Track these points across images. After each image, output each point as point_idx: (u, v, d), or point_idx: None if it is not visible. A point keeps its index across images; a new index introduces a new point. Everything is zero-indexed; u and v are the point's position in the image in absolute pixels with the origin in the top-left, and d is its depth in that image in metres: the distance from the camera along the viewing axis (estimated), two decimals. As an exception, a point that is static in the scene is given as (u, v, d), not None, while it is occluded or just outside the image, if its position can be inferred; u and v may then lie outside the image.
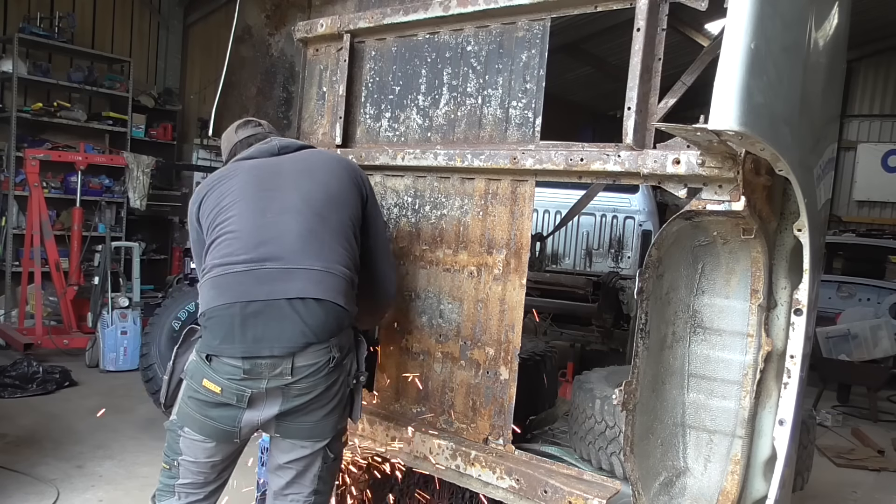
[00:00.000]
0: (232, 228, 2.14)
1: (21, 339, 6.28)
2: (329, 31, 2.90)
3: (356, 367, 2.18)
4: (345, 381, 2.13)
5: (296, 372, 2.01)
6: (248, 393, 2.01)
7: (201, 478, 2.16)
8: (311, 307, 2.02)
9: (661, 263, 2.03)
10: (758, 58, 1.44)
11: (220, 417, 2.05)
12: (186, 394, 2.10)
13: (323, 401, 2.08)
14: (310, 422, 2.09)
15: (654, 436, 2.11)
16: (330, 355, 2.04)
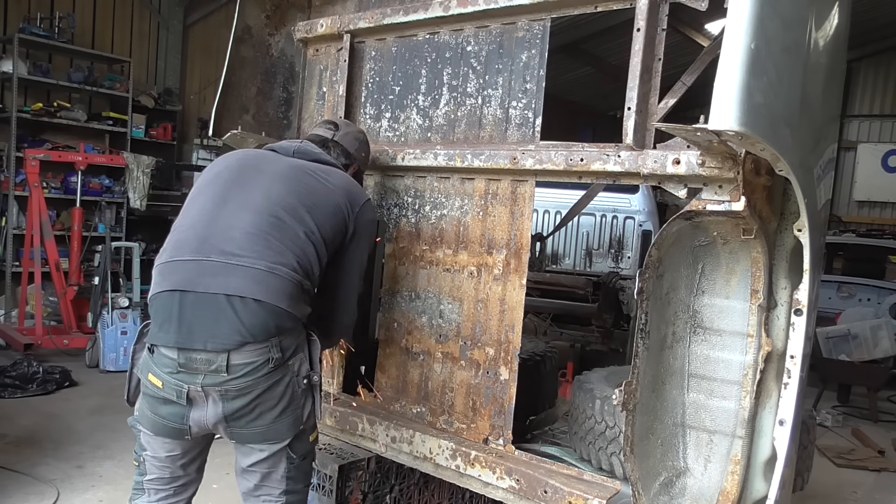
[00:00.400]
0: (190, 216, 2.20)
1: (21, 339, 6.28)
2: (329, 32, 2.90)
3: (308, 368, 2.10)
4: (292, 381, 2.06)
5: (231, 370, 1.95)
6: (185, 388, 1.98)
7: (167, 473, 2.17)
8: (249, 306, 1.97)
9: (661, 263, 2.03)
10: (758, 58, 1.44)
11: (168, 415, 2.04)
12: (141, 390, 2.13)
13: (268, 402, 2.02)
14: (261, 425, 2.04)
15: (654, 436, 2.11)
16: (269, 355, 1.98)
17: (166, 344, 2.00)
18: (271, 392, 2.01)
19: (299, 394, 2.08)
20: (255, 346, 1.97)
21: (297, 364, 2.07)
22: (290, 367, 2.05)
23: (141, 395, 2.13)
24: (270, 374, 1.99)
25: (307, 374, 2.09)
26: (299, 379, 2.07)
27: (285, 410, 2.05)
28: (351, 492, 2.67)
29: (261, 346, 1.97)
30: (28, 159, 6.58)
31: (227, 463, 4.37)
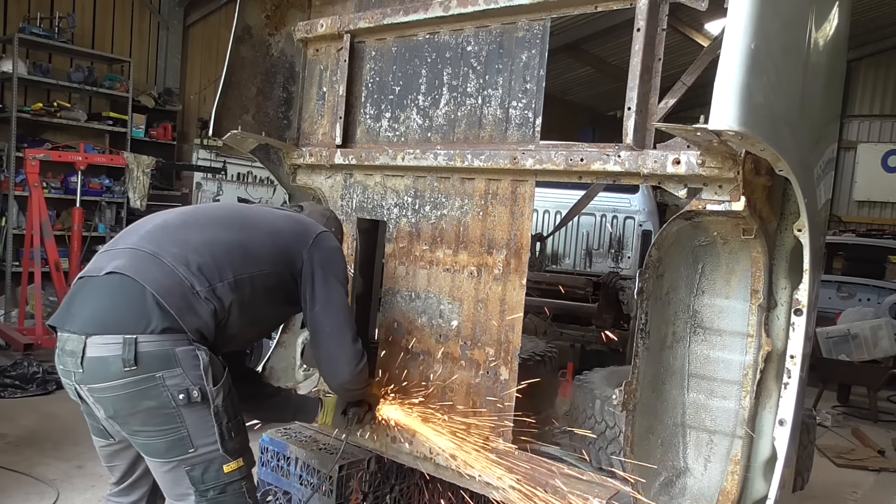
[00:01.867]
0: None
1: (21, 339, 6.28)
2: (329, 32, 2.90)
3: (188, 382, 1.82)
4: (162, 395, 1.81)
5: (85, 365, 1.80)
6: (69, 384, 1.90)
7: (113, 475, 2.17)
8: (122, 284, 1.83)
9: (661, 263, 2.03)
10: (758, 58, 1.44)
11: (86, 411, 1.98)
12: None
13: (134, 418, 1.83)
14: (139, 437, 1.88)
15: (654, 436, 2.11)
16: (122, 355, 1.77)
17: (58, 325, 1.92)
18: (131, 404, 1.82)
19: (175, 411, 1.82)
20: (109, 339, 1.78)
21: (167, 377, 1.81)
22: (157, 379, 1.80)
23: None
24: (126, 382, 1.79)
25: (185, 389, 1.82)
26: (171, 392, 1.81)
27: (158, 430, 1.84)
28: (351, 492, 2.67)
29: (113, 340, 1.78)
30: (28, 159, 6.57)
31: (227, 463, 4.37)
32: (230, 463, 1.92)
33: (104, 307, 1.85)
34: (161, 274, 1.87)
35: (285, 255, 2.13)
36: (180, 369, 1.83)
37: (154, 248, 1.93)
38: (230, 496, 1.93)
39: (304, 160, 2.97)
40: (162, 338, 1.81)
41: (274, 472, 2.88)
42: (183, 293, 1.87)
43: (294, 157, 3.02)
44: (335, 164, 2.86)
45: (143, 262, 1.89)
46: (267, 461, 2.90)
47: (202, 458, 1.88)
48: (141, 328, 1.80)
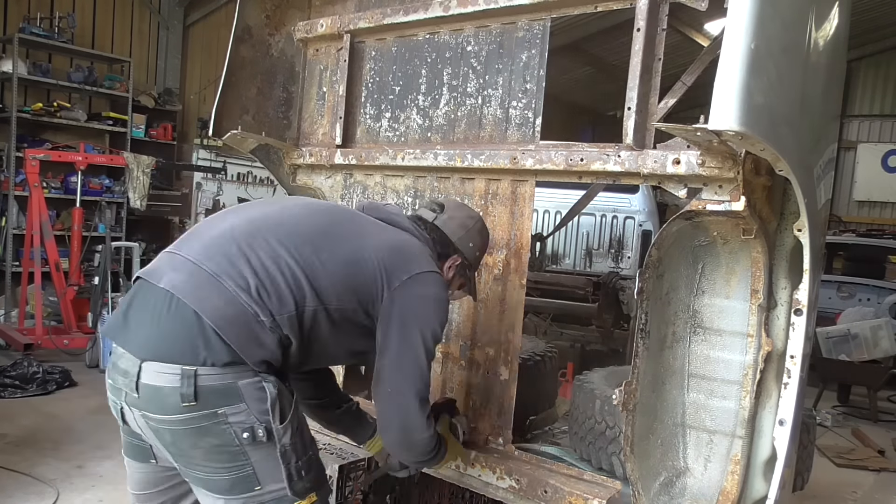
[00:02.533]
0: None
1: (21, 339, 6.28)
2: (329, 32, 2.90)
3: (252, 418, 1.66)
4: (225, 432, 1.64)
5: (141, 389, 1.66)
6: (116, 403, 1.78)
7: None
8: (179, 310, 1.65)
9: (661, 263, 2.03)
10: (758, 58, 1.44)
11: (126, 430, 1.85)
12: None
13: (192, 453, 1.67)
14: (197, 472, 1.70)
15: (654, 436, 2.11)
16: (179, 388, 1.61)
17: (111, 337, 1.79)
18: (191, 441, 1.66)
19: (239, 449, 1.66)
20: (165, 367, 1.63)
21: (230, 413, 1.64)
22: (220, 416, 1.64)
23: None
24: (185, 418, 1.63)
25: (250, 427, 1.65)
26: (235, 430, 1.65)
27: (221, 467, 1.68)
28: (351, 492, 2.66)
29: (170, 370, 1.62)
30: (28, 159, 6.58)
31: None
32: (303, 500, 1.75)
33: (159, 333, 1.66)
34: (222, 301, 1.66)
35: (361, 293, 1.84)
36: (244, 405, 1.65)
37: (215, 266, 1.70)
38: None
39: (304, 160, 2.97)
40: (224, 371, 1.64)
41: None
42: (246, 321, 1.67)
43: (294, 157, 3.02)
44: (335, 164, 2.86)
45: (201, 286, 1.68)
46: None
47: (271, 496, 1.71)
48: (200, 360, 1.62)
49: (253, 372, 1.67)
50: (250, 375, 1.67)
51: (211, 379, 1.62)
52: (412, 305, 1.86)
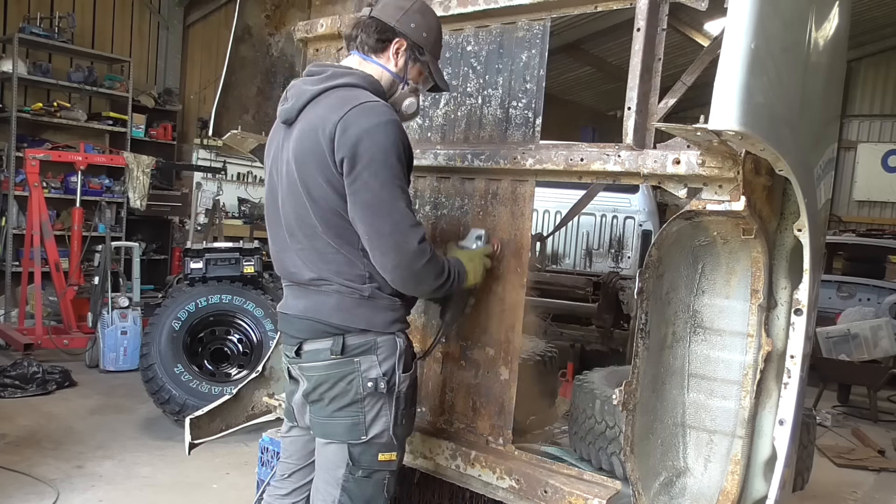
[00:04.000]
0: (269, 236, 2.24)
1: (21, 339, 6.28)
2: (329, 31, 2.90)
3: (378, 372, 1.99)
4: (356, 379, 1.99)
5: (302, 355, 2.07)
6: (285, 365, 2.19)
7: (280, 469, 2.36)
8: (306, 324, 2.10)
9: (661, 263, 2.03)
10: (758, 58, 1.44)
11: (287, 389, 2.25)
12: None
13: (330, 392, 2.02)
14: (323, 416, 2.04)
15: (654, 436, 2.11)
16: (331, 347, 2.00)
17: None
18: (332, 381, 2.00)
19: (364, 396, 1.99)
20: (318, 340, 2.02)
21: (364, 364, 1.99)
22: (356, 364, 1.99)
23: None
24: (330, 362, 1.99)
25: (375, 378, 1.98)
26: (363, 379, 1.98)
27: (344, 408, 2.00)
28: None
29: (323, 340, 2.01)
30: (28, 159, 6.58)
31: (227, 463, 4.39)
32: (386, 454, 2.03)
33: (303, 332, 2.07)
34: (322, 299, 2.03)
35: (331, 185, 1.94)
36: (374, 356, 1.99)
37: (304, 279, 2.06)
38: (372, 484, 2.03)
39: (304, 160, 2.97)
40: (365, 334, 2.00)
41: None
42: (344, 299, 2.01)
43: (294, 157, 3.01)
44: (335, 164, 2.86)
45: (312, 298, 2.05)
46: (267, 461, 2.90)
47: (370, 444, 2.01)
48: (335, 332, 2.00)
49: (380, 331, 2.02)
50: (379, 334, 2.01)
51: (353, 338, 2.00)
52: (358, 152, 1.86)
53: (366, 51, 2.08)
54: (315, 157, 1.93)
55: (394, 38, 2.06)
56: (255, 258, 5.68)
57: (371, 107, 1.91)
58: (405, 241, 1.91)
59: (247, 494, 3.23)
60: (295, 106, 2.03)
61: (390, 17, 2.06)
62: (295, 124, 2.03)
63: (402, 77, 2.10)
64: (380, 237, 1.90)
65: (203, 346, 5.29)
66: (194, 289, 5.31)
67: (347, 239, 1.97)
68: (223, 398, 3.01)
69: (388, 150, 1.88)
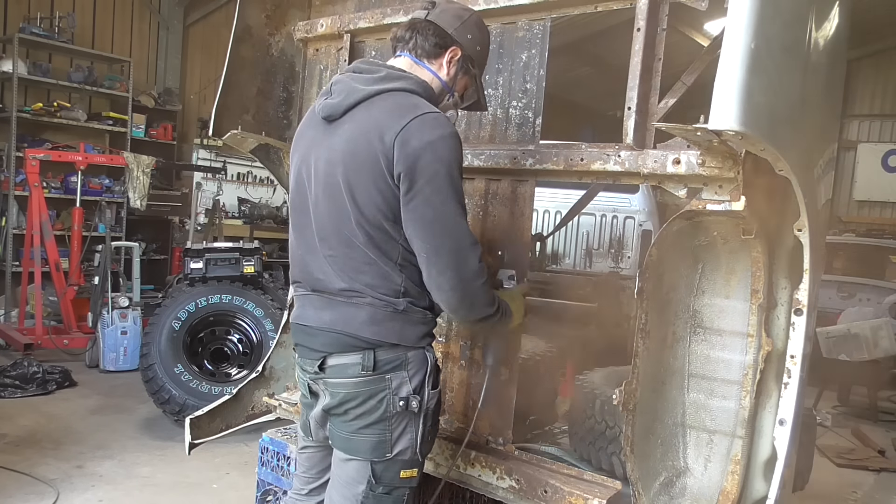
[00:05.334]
0: (290, 242, 2.18)
1: (21, 339, 6.28)
2: (329, 31, 2.90)
3: (409, 390, 1.92)
4: (387, 397, 1.90)
5: (327, 370, 1.97)
6: (305, 380, 2.08)
7: (299, 482, 2.25)
8: (335, 336, 2.00)
9: (661, 263, 2.03)
10: (758, 58, 1.44)
11: (304, 403, 2.14)
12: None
13: (357, 409, 1.92)
14: (346, 431, 1.95)
15: (654, 436, 2.11)
16: (361, 362, 1.92)
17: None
18: (362, 399, 1.91)
19: (393, 414, 1.91)
20: (346, 354, 1.93)
21: (395, 381, 1.91)
22: (387, 381, 1.90)
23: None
24: (360, 379, 1.90)
25: (406, 396, 1.90)
26: (395, 397, 1.90)
27: (371, 425, 1.91)
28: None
29: (352, 354, 1.92)
30: (28, 159, 6.58)
31: (227, 463, 4.39)
32: (408, 470, 1.96)
33: (330, 346, 1.96)
34: (354, 312, 1.92)
35: (386, 197, 1.86)
36: (405, 373, 1.92)
37: (334, 290, 1.95)
38: (391, 500, 1.96)
39: (304, 160, 2.97)
40: (392, 347, 1.92)
41: (274, 472, 2.88)
42: (379, 312, 1.91)
43: (294, 156, 3.01)
44: (335, 163, 2.85)
45: (337, 309, 1.95)
46: (267, 461, 2.90)
47: (393, 461, 1.94)
48: (367, 346, 1.91)
49: (412, 346, 1.95)
50: (411, 349, 1.94)
51: (384, 354, 1.91)
52: (419, 163, 1.79)
53: (419, 54, 2.01)
54: (368, 165, 1.83)
55: (451, 45, 2.01)
56: (255, 258, 5.69)
57: (434, 118, 1.84)
58: (465, 260, 1.84)
59: (247, 494, 3.23)
60: (343, 103, 1.91)
61: (448, 24, 2.01)
62: (340, 123, 1.91)
63: (450, 87, 2.05)
64: (438, 255, 1.83)
65: (203, 346, 5.29)
66: (194, 289, 5.31)
67: (386, 252, 1.88)
68: (223, 398, 3.01)
69: (451, 165, 1.81)
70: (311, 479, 2.21)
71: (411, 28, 2.02)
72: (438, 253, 1.82)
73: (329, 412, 2.00)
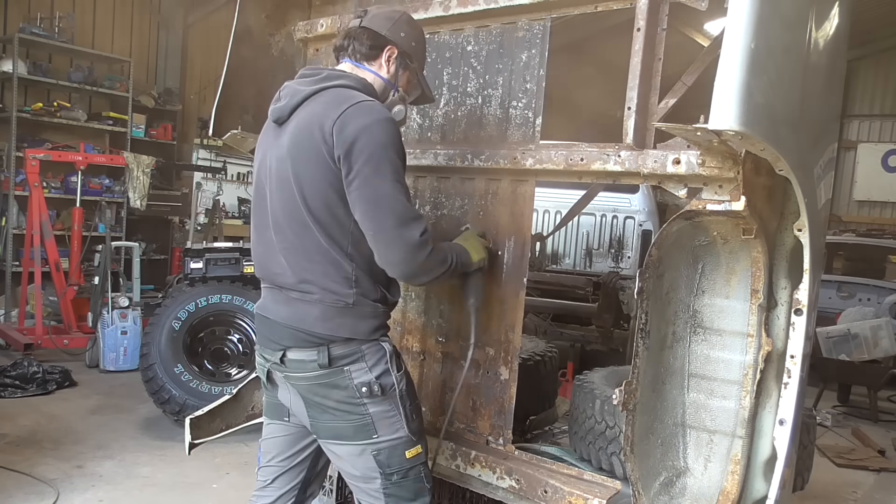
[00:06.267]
0: (252, 235, 2.23)
1: (21, 339, 6.28)
2: (329, 31, 2.90)
3: (371, 377, 2.00)
4: (349, 387, 1.99)
5: (287, 363, 2.06)
6: (263, 365, 2.14)
7: (262, 474, 2.30)
8: (290, 331, 2.08)
9: (661, 263, 2.03)
10: (758, 58, 1.44)
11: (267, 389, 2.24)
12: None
13: (323, 403, 2.02)
14: (325, 420, 2.04)
15: (654, 436, 2.11)
16: (316, 359, 2.00)
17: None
18: (325, 391, 2.01)
19: (360, 399, 1.99)
20: (303, 350, 2.01)
21: (354, 372, 2.00)
22: (346, 372, 1.99)
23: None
24: (320, 374, 1.99)
25: (368, 382, 1.99)
26: (357, 385, 1.99)
27: (343, 412, 2.01)
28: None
29: (308, 350, 2.00)
30: (28, 159, 6.58)
31: (227, 462, 4.39)
32: (412, 449, 2.06)
33: (286, 339, 2.04)
34: (307, 309, 2.00)
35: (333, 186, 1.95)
36: (364, 363, 2.00)
37: (289, 286, 2.03)
38: (411, 480, 2.07)
39: (304, 160, 2.97)
40: (349, 343, 2.00)
41: (274, 472, 2.87)
42: (329, 310, 1.99)
43: (294, 156, 3.01)
44: (335, 163, 2.85)
45: (291, 307, 2.03)
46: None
47: (387, 444, 2.02)
48: (320, 342, 1.99)
49: (373, 339, 2.03)
50: (365, 340, 2.01)
51: (339, 348, 1.99)
52: (356, 148, 1.89)
53: (358, 58, 2.14)
54: (312, 154, 1.94)
55: (386, 45, 2.13)
56: (256, 258, 5.67)
57: (369, 105, 1.96)
58: (409, 233, 1.92)
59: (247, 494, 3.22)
60: (288, 105, 2.04)
61: (381, 26, 2.14)
62: (287, 123, 2.04)
63: (393, 83, 2.17)
64: (383, 231, 1.92)
65: (203, 346, 5.29)
66: (194, 289, 5.31)
67: (337, 241, 1.98)
68: (223, 398, 3.01)
69: (386, 146, 1.92)
70: (273, 467, 2.27)
71: (347, 36, 2.16)
72: (383, 229, 1.92)
73: (305, 401, 2.08)
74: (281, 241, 2.04)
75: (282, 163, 2.01)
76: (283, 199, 2.02)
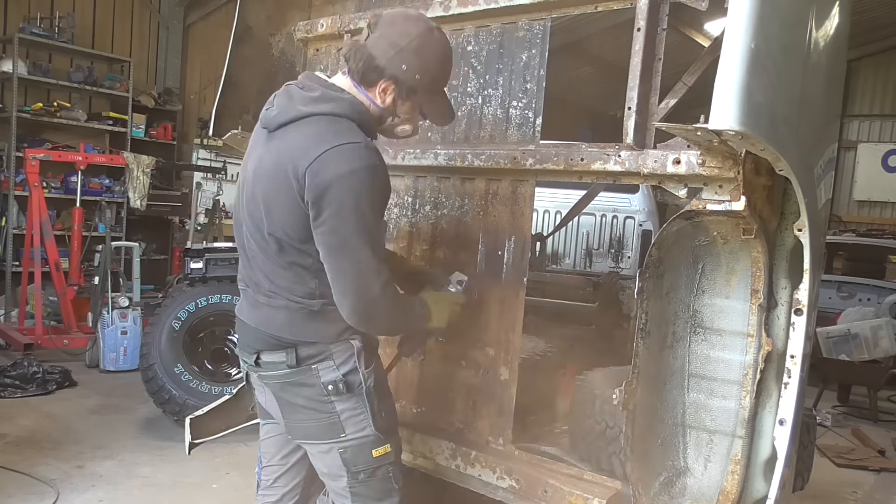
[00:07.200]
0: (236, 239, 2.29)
1: (21, 339, 6.28)
2: (329, 31, 2.90)
3: (337, 375, 1.99)
4: (316, 385, 2.00)
5: (261, 364, 2.09)
6: (246, 365, 2.18)
7: (265, 474, 2.33)
8: (261, 335, 2.11)
9: (661, 263, 2.03)
10: (758, 58, 1.44)
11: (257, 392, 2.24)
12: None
13: (293, 401, 2.05)
14: (295, 420, 2.07)
15: (654, 436, 2.11)
16: (285, 360, 2.02)
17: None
18: (294, 390, 2.03)
19: (327, 396, 1.99)
20: (273, 352, 2.03)
21: (322, 370, 1.99)
22: (314, 370, 2.00)
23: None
24: (289, 372, 2.00)
25: (334, 380, 1.98)
26: (324, 383, 1.99)
27: (311, 412, 2.02)
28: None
29: (277, 352, 2.02)
30: (28, 159, 6.58)
31: (227, 463, 4.39)
32: (379, 448, 2.04)
33: (258, 342, 2.08)
34: (274, 315, 2.03)
35: (299, 220, 1.92)
36: (331, 362, 1.99)
37: (258, 290, 2.08)
38: (378, 480, 2.06)
39: (304, 160, 2.97)
40: (312, 344, 2.00)
41: (274, 471, 2.87)
42: (295, 315, 2.00)
43: (294, 156, 3.01)
44: (335, 163, 2.85)
45: (261, 312, 2.07)
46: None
47: (354, 441, 2.01)
48: (288, 345, 2.00)
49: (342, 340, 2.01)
50: (333, 340, 2.00)
51: (306, 349, 2.00)
52: (326, 197, 1.82)
53: (356, 79, 1.99)
54: (284, 189, 1.89)
55: (380, 78, 1.95)
56: (255, 258, 5.67)
57: (352, 149, 1.84)
58: (366, 287, 1.91)
59: (247, 494, 3.22)
60: (277, 119, 1.95)
61: (383, 53, 1.93)
62: (273, 136, 1.97)
63: (390, 113, 2.04)
64: (343, 279, 1.91)
65: (203, 346, 5.29)
66: (194, 289, 5.31)
67: (299, 262, 1.97)
68: (223, 398, 3.01)
69: (360, 196, 1.84)
70: (275, 466, 2.30)
71: (350, 49, 2.01)
72: (342, 277, 1.91)
73: (278, 401, 2.10)
74: (250, 247, 2.07)
75: (258, 179, 1.99)
76: (251, 212, 2.02)
